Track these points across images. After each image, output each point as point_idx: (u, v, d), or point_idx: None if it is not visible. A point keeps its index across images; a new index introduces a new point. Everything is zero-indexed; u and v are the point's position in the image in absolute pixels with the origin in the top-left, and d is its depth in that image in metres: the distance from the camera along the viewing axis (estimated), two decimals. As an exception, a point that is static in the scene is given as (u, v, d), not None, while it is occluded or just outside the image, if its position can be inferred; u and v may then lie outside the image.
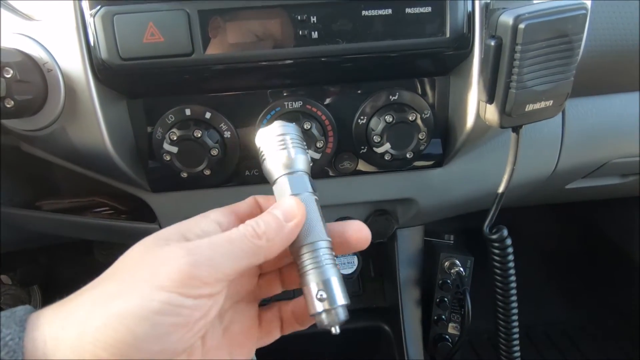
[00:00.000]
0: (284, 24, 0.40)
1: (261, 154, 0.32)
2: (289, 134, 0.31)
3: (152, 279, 0.24)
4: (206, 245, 0.26)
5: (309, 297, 0.28)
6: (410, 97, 0.47)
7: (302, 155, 0.31)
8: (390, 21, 0.41)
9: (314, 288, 0.28)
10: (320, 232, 0.29)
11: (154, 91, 0.45)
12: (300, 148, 0.31)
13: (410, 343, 0.70)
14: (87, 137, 0.42)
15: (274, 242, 0.27)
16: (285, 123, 0.32)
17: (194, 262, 0.25)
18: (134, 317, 0.23)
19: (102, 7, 0.38)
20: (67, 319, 0.24)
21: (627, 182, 0.68)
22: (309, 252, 0.29)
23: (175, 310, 0.24)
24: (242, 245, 0.27)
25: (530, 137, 0.54)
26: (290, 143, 0.31)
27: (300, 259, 0.29)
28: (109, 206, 0.55)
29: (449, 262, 0.70)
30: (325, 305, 0.27)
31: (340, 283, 0.28)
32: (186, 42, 0.39)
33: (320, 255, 0.28)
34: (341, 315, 0.28)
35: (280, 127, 0.32)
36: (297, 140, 0.32)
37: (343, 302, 0.28)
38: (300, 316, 0.33)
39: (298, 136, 0.32)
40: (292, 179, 0.30)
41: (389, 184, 0.54)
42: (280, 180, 0.30)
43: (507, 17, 0.37)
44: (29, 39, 0.39)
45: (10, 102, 0.36)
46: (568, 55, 0.38)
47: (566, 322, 1.03)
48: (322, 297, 0.27)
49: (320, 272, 0.28)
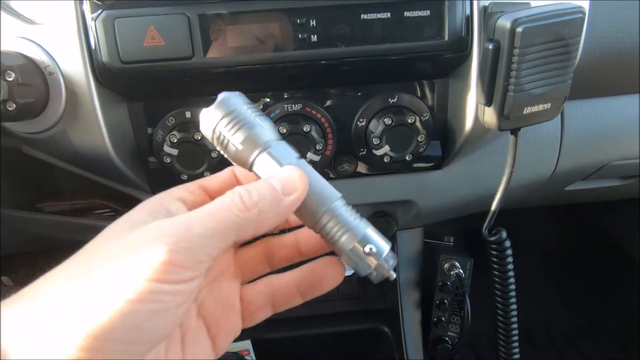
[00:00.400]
0: (284, 28, 0.40)
1: (220, 141, 0.26)
2: (239, 105, 0.26)
3: (123, 264, 0.21)
4: (183, 224, 0.22)
5: (356, 259, 0.26)
6: (409, 99, 0.47)
7: (267, 122, 0.26)
8: (389, 25, 0.41)
9: (358, 248, 0.26)
10: (331, 192, 0.27)
11: (155, 94, 0.45)
12: (261, 115, 0.26)
13: (410, 345, 0.70)
14: (88, 140, 0.42)
15: (266, 216, 0.24)
16: (229, 93, 0.26)
17: (172, 247, 0.21)
18: (105, 306, 0.20)
19: (103, 11, 0.38)
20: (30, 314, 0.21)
21: (627, 184, 0.68)
22: (331, 217, 0.26)
23: (152, 297, 0.21)
24: (226, 220, 0.23)
25: (529, 139, 0.54)
26: (249, 113, 0.26)
27: (325, 228, 0.26)
28: (110, 208, 0.56)
29: (449, 263, 0.71)
30: (375, 259, 0.26)
31: (376, 232, 0.27)
32: (186, 46, 0.39)
33: (343, 214, 0.26)
34: (391, 260, 0.27)
35: (227, 101, 0.26)
36: (251, 107, 0.26)
37: (387, 247, 0.27)
38: (308, 287, 0.30)
39: (249, 103, 0.27)
40: (273, 151, 0.26)
41: (388, 186, 0.54)
42: (259, 160, 0.26)
43: (505, 21, 0.37)
44: (31, 43, 0.39)
45: (12, 105, 0.36)
46: (565, 58, 0.39)
47: (566, 323, 1.03)
48: (370, 251, 0.26)
49: (354, 232, 0.26)
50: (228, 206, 0.23)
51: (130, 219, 0.25)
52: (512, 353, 0.60)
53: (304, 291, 0.30)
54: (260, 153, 0.26)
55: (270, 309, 0.30)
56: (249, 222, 0.24)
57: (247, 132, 0.25)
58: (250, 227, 0.24)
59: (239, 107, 0.26)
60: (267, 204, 0.24)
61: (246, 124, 0.25)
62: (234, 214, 0.23)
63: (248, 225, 0.24)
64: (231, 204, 0.23)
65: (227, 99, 0.26)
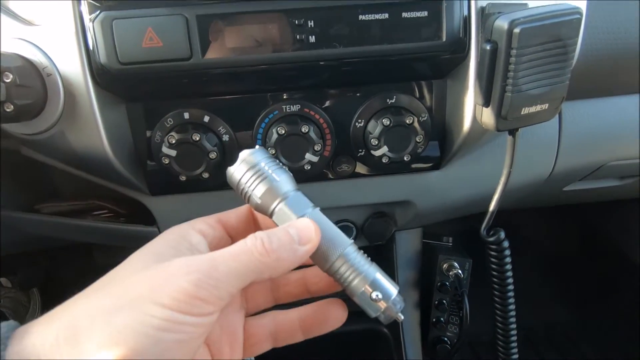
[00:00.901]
0: (282, 29, 0.40)
1: (243, 193, 0.30)
2: (259, 162, 0.29)
3: (152, 295, 0.23)
4: (208, 262, 0.25)
5: (365, 302, 0.29)
6: (407, 100, 0.47)
7: (284, 175, 0.29)
8: (387, 25, 0.41)
9: (367, 292, 0.28)
10: (343, 239, 0.29)
11: (153, 95, 0.45)
12: (278, 169, 0.30)
13: (409, 345, 0.70)
14: (86, 141, 0.42)
15: (282, 263, 0.26)
16: (249, 151, 0.30)
17: (197, 282, 0.24)
18: (135, 332, 0.22)
19: (101, 12, 0.38)
20: (61, 333, 0.23)
21: (626, 184, 0.68)
22: (343, 262, 0.29)
23: (177, 327, 0.23)
24: (248, 262, 0.25)
25: (527, 140, 0.54)
26: (266, 168, 0.29)
27: (338, 272, 0.29)
28: (108, 209, 0.56)
29: (448, 264, 0.71)
30: (383, 303, 0.28)
31: (384, 276, 0.29)
32: (184, 47, 0.39)
33: (354, 260, 0.29)
34: (398, 304, 0.29)
35: (248, 159, 0.29)
36: (270, 162, 0.30)
37: (395, 291, 0.29)
38: (311, 325, 0.32)
39: (268, 157, 0.30)
40: (290, 202, 0.29)
41: (387, 187, 0.54)
42: (277, 209, 0.29)
43: (503, 22, 0.37)
44: (29, 44, 0.39)
45: (10, 107, 0.36)
46: (563, 59, 0.39)
47: (565, 323, 1.03)
48: (377, 297, 0.28)
49: (364, 276, 0.28)
50: (250, 250, 0.26)
51: (155, 251, 0.27)
52: (511, 353, 0.60)
53: (307, 329, 0.32)
54: (278, 204, 0.29)
55: (271, 343, 0.32)
56: (267, 266, 0.26)
57: (265, 187, 0.29)
58: (268, 271, 0.26)
59: (258, 163, 0.29)
60: (284, 252, 0.26)
61: (264, 180, 0.29)
62: (256, 257, 0.25)
63: (266, 269, 0.26)
64: (253, 248, 0.26)
65: (247, 157, 0.29)
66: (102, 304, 0.24)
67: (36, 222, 0.56)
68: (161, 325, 0.23)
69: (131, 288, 0.24)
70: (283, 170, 0.30)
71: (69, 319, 0.24)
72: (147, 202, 0.52)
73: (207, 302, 0.24)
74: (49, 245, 0.76)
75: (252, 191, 0.29)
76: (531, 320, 0.98)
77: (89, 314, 0.24)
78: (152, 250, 0.27)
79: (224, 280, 0.25)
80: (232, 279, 0.25)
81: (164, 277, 0.24)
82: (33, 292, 0.94)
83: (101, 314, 0.23)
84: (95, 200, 0.55)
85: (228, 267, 0.25)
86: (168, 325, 0.23)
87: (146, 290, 0.24)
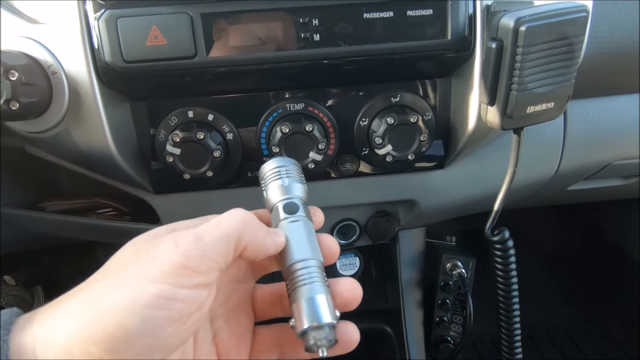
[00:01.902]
0: (286, 27, 0.40)
1: (262, 185, 0.34)
2: (284, 166, 0.34)
3: (143, 273, 0.24)
4: (193, 235, 0.26)
5: (295, 315, 0.27)
6: (411, 99, 0.47)
7: (297, 184, 0.33)
8: (392, 24, 0.41)
9: (299, 306, 0.27)
10: (307, 251, 0.29)
11: (157, 93, 0.45)
12: (295, 177, 0.33)
13: (412, 345, 0.70)
14: (90, 139, 0.42)
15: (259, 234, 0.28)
16: (284, 157, 0.35)
17: (184, 252, 0.24)
18: (124, 311, 0.22)
19: (106, 11, 0.39)
20: (58, 319, 0.23)
21: (630, 183, 0.67)
22: (296, 270, 0.28)
23: (168, 303, 0.23)
24: (230, 227, 0.27)
25: (531, 139, 0.54)
26: (285, 173, 0.33)
27: (288, 278, 0.29)
28: (112, 207, 0.56)
29: (451, 263, 0.70)
30: (312, 323, 0.26)
31: (327, 301, 0.27)
32: (189, 45, 0.39)
33: (307, 273, 0.28)
34: (328, 335, 0.26)
35: (276, 161, 0.34)
36: (292, 170, 0.34)
37: (329, 320, 0.26)
38: None
39: (295, 167, 0.34)
40: (286, 205, 0.32)
41: (390, 186, 0.54)
42: (275, 207, 0.32)
43: (508, 20, 0.37)
44: (34, 42, 0.39)
45: (15, 105, 0.37)
46: (569, 57, 0.38)
47: (568, 323, 1.03)
48: (307, 314, 0.26)
49: (306, 289, 0.27)
50: (232, 216, 0.28)
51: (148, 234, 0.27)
52: (515, 353, 0.60)
53: None
54: (277, 203, 0.32)
55: (277, 354, 0.32)
56: (248, 229, 0.27)
57: (276, 185, 0.33)
58: (248, 236, 0.27)
59: (283, 166, 0.34)
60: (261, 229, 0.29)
61: (279, 180, 0.33)
62: (238, 223, 0.27)
63: (247, 231, 0.27)
64: (236, 214, 0.28)
65: (278, 159, 0.34)
66: (97, 288, 0.24)
67: (40, 220, 0.56)
68: (151, 302, 0.23)
69: (123, 270, 0.25)
70: (299, 180, 0.34)
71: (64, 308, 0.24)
72: (151, 201, 0.52)
73: (197, 272, 0.25)
74: (53, 243, 0.76)
75: (267, 185, 0.33)
76: (534, 320, 0.97)
77: (83, 300, 0.24)
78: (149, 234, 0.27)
79: (210, 248, 0.25)
80: (218, 245, 0.26)
81: (153, 255, 0.25)
82: (36, 290, 0.94)
83: (93, 298, 0.24)
84: (100, 199, 0.55)
85: (212, 235, 0.26)
86: (158, 301, 0.23)
87: (137, 270, 0.24)
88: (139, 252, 0.26)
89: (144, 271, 0.24)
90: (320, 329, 0.26)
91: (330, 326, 0.26)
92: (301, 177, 0.34)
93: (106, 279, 0.25)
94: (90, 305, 0.23)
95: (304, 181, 0.34)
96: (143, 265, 0.24)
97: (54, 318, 0.24)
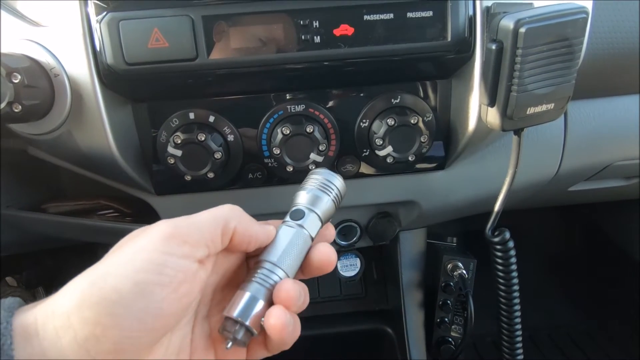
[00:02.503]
0: (287, 29, 0.40)
1: (301, 184, 0.36)
2: (329, 182, 0.35)
3: (135, 244, 0.26)
4: (186, 217, 0.28)
5: (234, 299, 0.29)
6: (412, 100, 0.47)
7: (324, 200, 0.34)
8: (392, 25, 0.41)
9: (241, 296, 0.29)
10: (277, 256, 0.31)
11: (159, 95, 0.45)
12: (329, 195, 0.34)
13: (413, 345, 0.70)
14: (92, 141, 0.43)
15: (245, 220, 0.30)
16: (336, 175, 0.36)
17: (175, 224, 0.27)
18: (117, 275, 0.24)
19: (108, 13, 0.39)
20: (56, 297, 0.25)
21: (630, 184, 0.67)
22: (261, 267, 0.31)
23: (158, 268, 0.25)
24: (219, 210, 0.29)
25: (532, 139, 0.54)
26: (322, 187, 0.35)
27: (253, 267, 0.31)
28: (114, 209, 0.56)
29: (452, 264, 0.70)
30: (237, 316, 0.28)
31: (261, 309, 0.29)
32: (190, 47, 0.40)
33: (265, 276, 0.30)
34: (237, 334, 0.28)
35: (325, 173, 0.36)
36: (332, 189, 0.35)
37: (248, 324, 0.28)
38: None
39: (336, 189, 0.35)
40: (295, 210, 0.33)
41: (391, 187, 0.54)
42: (292, 207, 0.34)
43: (508, 21, 0.37)
44: (37, 45, 0.40)
45: (18, 107, 0.37)
46: (569, 58, 0.39)
47: (569, 324, 1.03)
48: (239, 307, 0.29)
49: (255, 288, 0.30)
50: (221, 206, 0.30)
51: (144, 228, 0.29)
52: (516, 354, 0.60)
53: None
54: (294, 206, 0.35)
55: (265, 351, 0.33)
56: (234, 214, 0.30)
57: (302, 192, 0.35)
58: (235, 220, 0.29)
59: (321, 178, 0.35)
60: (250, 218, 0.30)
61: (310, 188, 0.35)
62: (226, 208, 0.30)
63: (234, 216, 0.29)
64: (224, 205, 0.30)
65: (320, 169, 0.36)
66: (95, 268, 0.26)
67: (42, 222, 0.57)
68: (141, 266, 0.25)
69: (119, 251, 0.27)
70: (331, 199, 0.35)
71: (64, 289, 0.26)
72: (152, 202, 0.52)
73: (184, 242, 0.27)
74: (55, 245, 0.77)
75: (302, 187, 0.36)
76: (535, 321, 0.97)
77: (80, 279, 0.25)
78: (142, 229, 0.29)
79: (198, 223, 0.28)
80: (206, 222, 0.28)
81: (147, 233, 0.27)
82: (38, 291, 0.94)
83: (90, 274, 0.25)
84: (101, 200, 0.55)
85: (201, 215, 0.29)
86: (149, 266, 0.25)
87: (131, 244, 0.27)
88: (135, 235, 0.28)
89: (137, 243, 0.26)
90: (237, 324, 0.28)
91: (245, 329, 0.29)
92: (336, 198, 0.35)
93: (103, 262, 0.27)
94: (86, 277, 0.25)
95: (335, 203, 0.35)
96: (136, 240, 0.27)
97: (53, 297, 0.25)
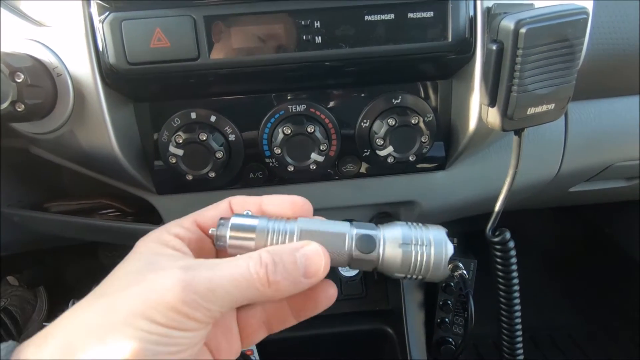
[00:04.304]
0: (288, 29, 0.41)
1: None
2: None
3: (146, 311, 0.23)
4: (206, 284, 0.24)
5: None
6: (412, 100, 0.47)
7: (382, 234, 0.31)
8: (393, 26, 0.41)
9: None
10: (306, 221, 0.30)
11: (161, 95, 0.46)
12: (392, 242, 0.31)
13: (414, 346, 0.70)
14: (94, 140, 0.43)
15: (281, 293, 0.26)
16: (407, 227, 0.33)
17: (192, 303, 0.24)
18: (129, 350, 0.23)
19: (110, 13, 0.39)
20: (57, 352, 0.23)
21: (632, 185, 0.67)
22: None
23: (170, 341, 0.24)
24: (246, 289, 0.25)
25: (533, 140, 0.54)
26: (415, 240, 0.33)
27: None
28: (115, 208, 0.56)
29: (452, 264, 0.70)
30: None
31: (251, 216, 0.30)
32: (192, 47, 0.40)
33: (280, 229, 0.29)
34: (222, 231, 0.29)
35: (403, 226, 0.33)
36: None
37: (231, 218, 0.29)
38: (302, 308, 0.32)
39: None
40: (369, 235, 0.30)
41: (391, 187, 0.54)
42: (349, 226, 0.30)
43: (509, 22, 0.37)
44: (40, 45, 0.40)
45: (20, 106, 0.37)
46: (569, 59, 0.39)
47: (570, 325, 1.03)
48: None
49: None
50: (252, 276, 0.25)
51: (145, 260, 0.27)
52: (516, 354, 0.60)
53: (298, 313, 0.32)
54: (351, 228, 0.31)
55: (265, 331, 0.33)
56: (264, 295, 0.26)
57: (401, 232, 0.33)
58: (264, 299, 0.27)
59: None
60: (286, 284, 0.25)
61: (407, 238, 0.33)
62: (256, 287, 0.25)
63: (263, 298, 0.26)
64: (255, 275, 0.25)
65: (405, 227, 0.34)
66: (97, 321, 0.24)
67: (44, 221, 0.57)
68: (154, 340, 0.23)
69: (125, 302, 0.24)
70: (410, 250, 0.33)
71: (63, 337, 0.24)
72: (154, 201, 0.52)
73: (199, 321, 0.24)
74: (57, 244, 0.77)
75: (382, 228, 0.33)
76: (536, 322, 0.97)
77: (83, 331, 0.24)
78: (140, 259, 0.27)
79: (219, 303, 0.25)
80: (227, 302, 0.25)
81: (159, 291, 0.24)
82: (39, 291, 0.94)
83: (95, 331, 0.23)
84: (103, 199, 0.55)
85: (225, 292, 0.24)
86: (161, 339, 0.24)
87: (140, 306, 0.24)
88: (143, 284, 0.25)
89: (147, 310, 0.24)
90: (225, 220, 0.29)
91: (230, 226, 0.28)
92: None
93: (106, 310, 0.24)
94: (92, 341, 0.23)
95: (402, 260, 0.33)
96: (146, 304, 0.24)
97: (52, 349, 0.23)
